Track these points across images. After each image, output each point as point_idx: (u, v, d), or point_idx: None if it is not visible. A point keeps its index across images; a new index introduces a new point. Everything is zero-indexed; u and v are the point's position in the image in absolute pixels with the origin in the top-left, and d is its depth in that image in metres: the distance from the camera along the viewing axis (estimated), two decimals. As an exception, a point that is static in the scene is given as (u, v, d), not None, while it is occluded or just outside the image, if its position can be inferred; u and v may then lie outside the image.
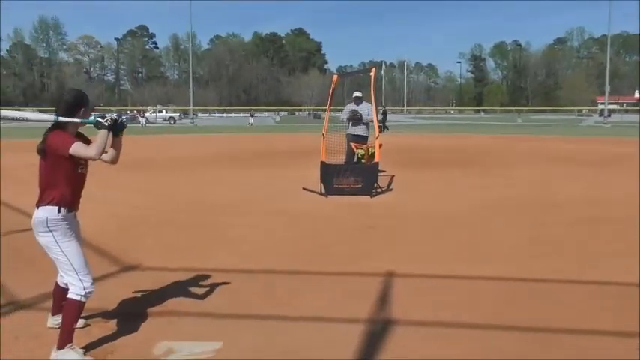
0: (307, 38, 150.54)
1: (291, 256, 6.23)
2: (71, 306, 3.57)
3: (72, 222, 3.70)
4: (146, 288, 4.97)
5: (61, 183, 3.56)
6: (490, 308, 4.51)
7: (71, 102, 3.62)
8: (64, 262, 3.59)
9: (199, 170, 14.83)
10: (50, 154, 3.52)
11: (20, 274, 5.43)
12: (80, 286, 3.57)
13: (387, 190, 10.97)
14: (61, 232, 3.58)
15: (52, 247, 3.58)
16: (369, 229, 7.62)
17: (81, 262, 3.62)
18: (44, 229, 3.55)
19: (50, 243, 3.57)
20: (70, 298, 3.58)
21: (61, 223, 3.57)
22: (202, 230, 7.61)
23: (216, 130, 45.30)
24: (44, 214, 3.55)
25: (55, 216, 3.55)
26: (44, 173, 3.58)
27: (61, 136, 3.52)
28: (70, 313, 3.58)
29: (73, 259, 3.59)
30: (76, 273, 3.58)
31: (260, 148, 22.86)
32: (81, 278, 3.58)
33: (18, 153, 19.27)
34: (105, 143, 3.54)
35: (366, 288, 5.02)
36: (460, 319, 4.25)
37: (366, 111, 11.33)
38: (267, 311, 4.45)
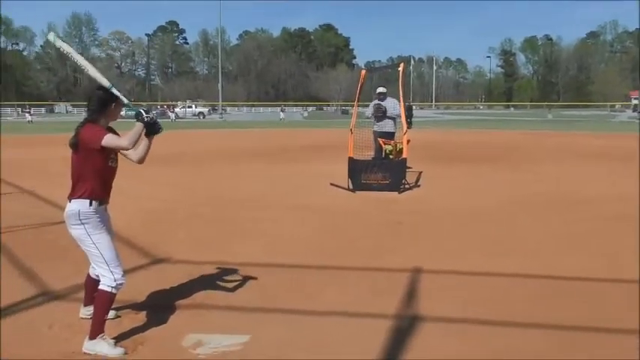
0: (335, 33, 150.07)
1: (318, 250, 6.26)
2: (102, 297, 3.65)
3: (103, 215, 3.77)
4: (175, 281, 5.04)
5: (92, 176, 3.63)
6: (517, 306, 4.47)
7: (103, 97, 3.69)
8: (95, 254, 3.67)
9: (228, 164, 14.95)
10: (82, 148, 3.58)
11: (53, 265, 5.55)
12: (111, 278, 3.64)
13: (414, 185, 10.92)
14: (93, 224, 3.65)
15: (84, 239, 3.65)
16: (397, 224, 7.61)
17: (112, 254, 3.69)
18: (76, 222, 3.63)
19: (82, 235, 3.65)
20: (101, 290, 3.65)
21: (92, 215, 3.64)
22: (231, 224, 7.69)
23: (245, 125, 45.55)
24: (76, 207, 3.62)
25: (86, 209, 3.62)
26: (76, 166, 3.66)
27: (94, 129, 3.59)
28: (101, 305, 3.65)
29: (104, 251, 3.66)
30: (107, 265, 3.65)
31: (288, 143, 22.93)
32: (112, 270, 3.65)
33: (50, 146, 19.66)
34: (138, 136, 3.59)
35: (393, 284, 5.03)
36: (487, 317, 4.23)
37: (391, 105, 11.28)
38: (293, 305, 4.48)
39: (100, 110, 3.67)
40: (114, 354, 3.56)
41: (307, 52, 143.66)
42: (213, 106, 79.30)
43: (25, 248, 6.21)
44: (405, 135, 10.37)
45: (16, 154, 18.04)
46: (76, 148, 3.61)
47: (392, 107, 11.26)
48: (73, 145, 3.62)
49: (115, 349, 3.59)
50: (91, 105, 3.69)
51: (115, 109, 3.73)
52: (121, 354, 3.58)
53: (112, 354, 3.56)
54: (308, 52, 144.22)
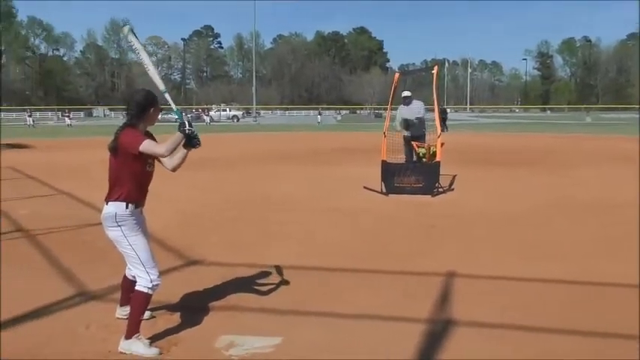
0: (369, 37, 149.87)
1: (351, 253, 6.24)
2: (138, 298, 3.70)
3: (139, 217, 3.82)
4: (209, 282, 5.09)
5: (129, 179, 3.68)
6: (553, 311, 4.39)
7: (142, 102, 3.74)
8: (131, 256, 3.73)
9: (262, 167, 15.05)
10: (121, 152, 3.64)
11: (91, 266, 5.66)
12: (147, 279, 3.69)
13: (448, 189, 10.82)
14: (129, 226, 3.70)
15: (121, 241, 3.71)
16: (430, 227, 7.55)
17: (147, 255, 3.74)
18: (113, 224, 3.69)
19: (118, 237, 3.71)
20: (137, 291, 3.71)
21: (128, 218, 3.70)
22: (264, 226, 7.73)
23: (279, 128, 45.79)
24: (113, 210, 3.68)
25: (123, 211, 3.68)
26: (114, 170, 3.72)
27: (133, 134, 3.64)
28: (137, 305, 3.71)
29: (140, 252, 3.71)
30: (143, 266, 3.71)
31: (322, 146, 22.95)
32: (148, 271, 3.70)
33: (89, 149, 20.08)
34: (176, 145, 3.61)
35: (426, 287, 4.99)
36: (523, 322, 4.16)
37: (416, 109, 11.13)
38: (326, 308, 4.48)
39: (138, 115, 3.72)
40: (149, 354, 3.61)
41: (341, 56, 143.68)
42: (247, 110, 79.95)
43: (63, 249, 6.35)
44: (439, 138, 10.29)
45: (55, 157, 18.49)
46: (115, 152, 3.67)
47: (417, 111, 11.11)
48: (113, 149, 3.68)
49: (150, 349, 3.64)
50: (130, 109, 3.74)
51: (153, 113, 3.78)
52: (156, 354, 3.63)
53: (147, 354, 3.61)
54: (341, 55, 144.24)
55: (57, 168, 14.91)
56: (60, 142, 27.08)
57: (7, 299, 4.71)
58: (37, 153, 20.73)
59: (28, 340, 3.86)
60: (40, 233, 7.15)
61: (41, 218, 8.07)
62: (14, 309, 4.43)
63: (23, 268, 5.63)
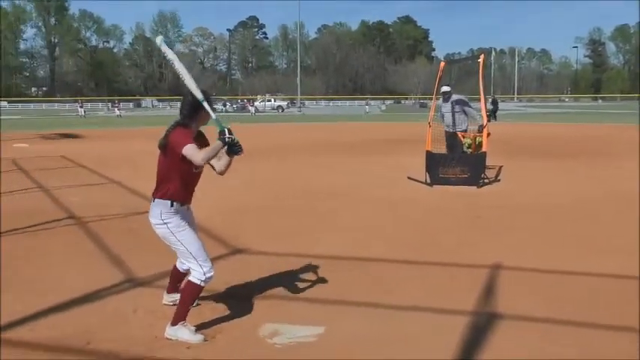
0: (414, 26, 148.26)
1: (395, 244, 6.21)
2: (190, 289, 3.76)
3: (185, 213, 3.87)
4: (254, 271, 5.14)
5: (176, 178, 3.72)
6: (602, 306, 4.27)
7: (194, 103, 3.74)
8: (182, 251, 3.78)
9: (307, 157, 15.11)
10: (169, 151, 3.67)
11: (138, 253, 5.79)
12: (200, 272, 3.73)
13: (494, 180, 10.65)
14: (175, 222, 3.75)
15: (169, 237, 3.77)
16: (476, 219, 7.45)
17: (198, 248, 3.77)
18: (159, 222, 3.76)
19: (166, 234, 3.77)
20: (190, 282, 3.76)
21: (173, 215, 3.75)
22: (308, 216, 7.76)
23: (324, 118, 45.81)
24: (158, 208, 3.75)
25: (168, 209, 3.73)
26: (162, 167, 3.76)
27: (181, 135, 3.64)
28: (188, 295, 3.78)
29: (190, 246, 3.76)
30: (195, 259, 3.75)
31: (366, 136, 22.88)
32: (200, 264, 3.74)
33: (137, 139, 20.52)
34: (215, 154, 3.61)
35: (472, 279, 4.93)
36: (569, 317, 4.06)
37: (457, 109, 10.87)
38: (369, 299, 4.47)
39: (190, 115, 3.75)
40: (194, 340, 3.68)
41: (386, 45, 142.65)
42: (292, 100, 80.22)
43: (112, 236, 6.51)
44: (485, 128, 10.12)
45: (105, 147, 18.97)
46: (164, 149, 3.72)
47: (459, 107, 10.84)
48: (162, 146, 3.72)
49: (195, 335, 3.71)
50: (183, 109, 3.76)
51: (205, 114, 3.78)
52: (201, 340, 3.69)
53: (192, 340, 3.68)
54: (386, 45, 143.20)
55: (106, 157, 15.29)
56: (109, 132, 27.74)
57: (61, 283, 4.87)
58: (88, 142, 21.30)
59: (81, 323, 3.99)
60: (90, 220, 7.35)
61: (91, 206, 8.30)
62: (68, 293, 4.57)
63: (75, 254, 5.81)
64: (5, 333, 3.86)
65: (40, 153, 16.61)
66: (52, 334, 3.82)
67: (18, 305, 4.31)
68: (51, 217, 7.53)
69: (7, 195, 9.37)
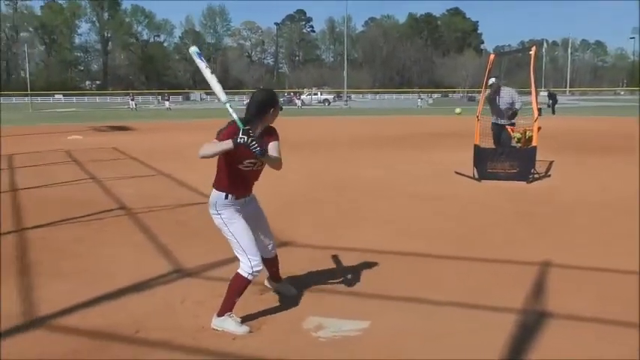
0: (463, 17, 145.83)
1: (441, 239, 6.14)
2: (238, 281, 3.81)
3: (243, 206, 3.92)
4: (298, 264, 5.16)
5: (227, 172, 3.79)
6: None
7: (261, 101, 3.79)
8: (233, 242, 3.84)
9: (353, 151, 15.08)
10: None
11: (186, 245, 5.88)
12: (248, 265, 3.77)
13: (544, 175, 10.40)
14: (228, 214, 3.82)
15: (222, 227, 3.85)
16: (525, 215, 7.29)
17: (248, 242, 3.81)
18: (214, 211, 3.85)
19: (220, 224, 3.85)
20: (238, 274, 3.81)
21: (228, 206, 3.82)
22: (355, 210, 7.75)
23: (370, 112, 45.63)
24: (214, 199, 3.83)
25: (222, 201, 3.81)
26: (217, 163, 3.85)
27: (226, 130, 3.69)
28: (235, 288, 3.82)
29: (241, 239, 3.80)
30: (244, 252, 3.79)
31: (413, 130, 22.67)
32: (249, 257, 3.78)
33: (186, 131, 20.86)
34: (217, 152, 3.60)
35: (519, 276, 4.83)
36: (621, 317, 3.93)
37: (507, 97, 10.57)
38: (415, 294, 4.44)
39: (256, 114, 3.77)
40: (239, 331, 3.72)
41: (433, 38, 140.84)
42: (338, 93, 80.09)
43: (161, 228, 6.64)
44: (536, 122, 9.88)
45: (155, 139, 19.35)
46: None
47: (507, 100, 10.56)
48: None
49: (241, 327, 3.75)
50: (249, 108, 3.79)
51: (272, 114, 3.82)
52: (246, 332, 3.73)
53: (237, 331, 3.72)
54: (434, 37, 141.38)
55: (156, 149, 15.61)
56: (159, 125, 28.28)
57: (111, 272, 5.00)
58: (139, 135, 21.77)
59: (132, 312, 4.09)
60: (140, 212, 7.52)
61: (141, 197, 8.49)
62: (118, 282, 4.70)
63: (125, 244, 5.96)
64: (58, 320, 3.99)
65: (93, 145, 17.09)
66: (102, 322, 3.93)
67: (70, 293, 4.45)
68: (102, 207, 7.74)
69: (63, 185, 9.68)
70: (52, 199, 8.47)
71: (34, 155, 14.12)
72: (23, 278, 4.88)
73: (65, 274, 5.00)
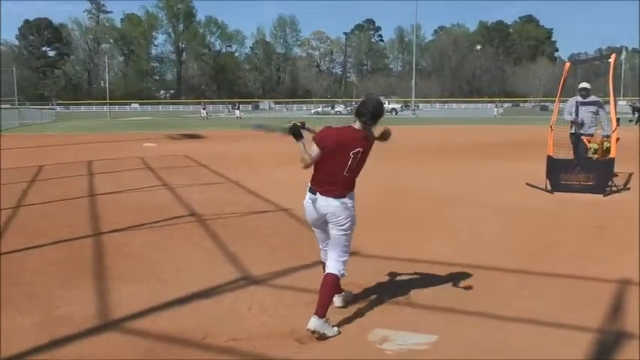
0: (537, 25, 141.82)
1: (511, 252, 5.97)
2: (332, 281, 3.98)
3: None
4: (365, 275, 5.12)
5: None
6: None
7: (374, 111, 4.11)
8: (347, 242, 4.12)
9: (421, 160, 14.91)
10: None
11: (253, 252, 5.95)
12: (342, 268, 4.05)
13: (622, 189, 9.94)
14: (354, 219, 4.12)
15: (350, 225, 4.12)
16: (601, 229, 6.99)
17: (350, 246, 4.14)
18: (353, 210, 4.14)
19: (351, 222, 4.11)
20: (331, 274, 3.98)
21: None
22: (420, 220, 7.65)
23: (438, 121, 45.02)
24: (352, 198, 4.16)
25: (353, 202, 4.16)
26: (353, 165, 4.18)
27: (324, 132, 4.08)
28: (331, 287, 3.98)
29: (350, 241, 4.13)
30: (346, 254, 4.10)
31: (483, 140, 22.20)
32: (344, 260, 4.09)
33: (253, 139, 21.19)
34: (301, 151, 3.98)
35: (594, 294, 4.62)
36: None
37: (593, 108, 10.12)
38: (484, 308, 4.32)
39: (372, 119, 4.09)
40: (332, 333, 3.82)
41: (505, 46, 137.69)
42: (406, 102, 79.51)
43: (229, 235, 6.75)
44: (615, 133, 9.47)
45: (225, 147, 19.76)
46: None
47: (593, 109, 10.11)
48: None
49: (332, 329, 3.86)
50: (363, 115, 4.09)
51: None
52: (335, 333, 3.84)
53: (330, 333, 3.81)
54: (506, 45, 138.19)
55: (226, 157, 15.90)
56: (229, 133, 28.85)
57: (181, 278, 5.12)
58: (209, 143, 22.30)
59: (199, 318, 4.17)
60: (209, 218, 7.68)
61: (211, 204, 8.67)
62: (187, 287, 4.80)
63: (195, 250, 6.09)
64: (130, 323, 4.11)
65: (166, 152, 17.63)
66: (171, 326, 4.03)
67: (142, 297, 4.59)
68: (174, 214, 7.95)
69: (137, 191, 10.02)
70: (126, 204, 8.78)
71: (111, 162, 14.71)
72: (99, 281, 5.07)
73: (138, 278, 5.16)
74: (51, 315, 4.25)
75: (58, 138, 25.78)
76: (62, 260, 5.71)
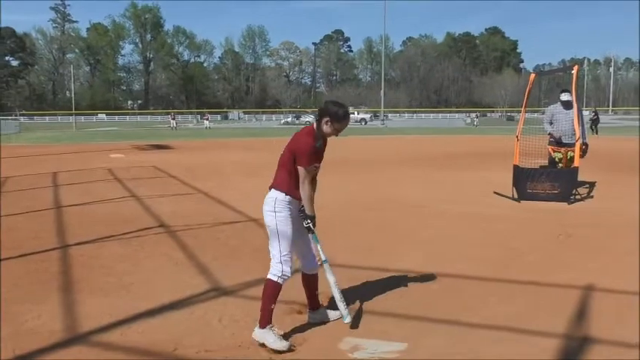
0: (502, 37, 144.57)
1: (479, 260, 6.05)
2: (270, 287, 3.86)
3: (295, 212, 3.98)
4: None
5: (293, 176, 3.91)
6: None
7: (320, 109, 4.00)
8: (274, 242, 3.92)
9: (390, 170, 15.02)
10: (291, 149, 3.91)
11: (224, 263, 5.93)
12: (279, 268, 3.85)
13: (586, 197, 10.17)
14: (283, 215, 3.89)
15: (271, 224, 3.91)
16: (566, 237, 7.13)
17: (287, 246, 3.90)
18: (270, 209, 3.91)
19: (271, 222, 3.91)
20: (269, 280, 3.88)
21: (285, 208, 3.90)
22: (390, 230, 7.70)
23: (407, 131, 45.45)
24: (273, 196, 3.93)
25: (282, 198, 3.90)
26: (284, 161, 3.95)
27: (307, 143, 3.89)
28: (269, 294, 3.86)
29: (283, 241, 3.89)
30: (279, 253, 3.88)
31: (450, 150, 22.50)
32: (282, 260, 3.87)
33: (224, 150, 21.11)
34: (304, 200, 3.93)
35: (560, 300, 4.72)
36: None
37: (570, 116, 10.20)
38: (453, 316, 4.37)
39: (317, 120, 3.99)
40: (279, 346, 3.73)
41: (472, 57, 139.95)
42: (375, 113, 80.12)
43: (199, 246, 6.71)
44: (578, 142, 9.69)
45: (194, 158, 19.63)
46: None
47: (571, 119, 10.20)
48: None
49: (281, 342, 3.75)
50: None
51: (324, 125, 3.95)
52: (286, 347, 3.73)
53: (277, 346, 3.73)
54: (472, 56, 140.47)
55: (195, 168, 15.81)
56: (199, 144, 28.70)
57: (151, 290, 5.07)
58: (178, 153, 22.12)
59: (171, 329, 4.14)
60: (179, 229, 7.62)
61: (180, 215, 8.60)
62: (157, 299, 4.76)
63: (164, 262, 6.03)
64: (99, 336, 4.06)
65: (134, 163, 17.44)
66: (141, 338, 3.99)
67: (111, 310, 4.53)
68: (143, 225, 7.86)
69: (104, 203, 9.89)
70: (94, 216, 8.66)
71: (77, 173, 14.49)
72: (67, 294, 4.99)
73: (106, 290, 5.09)
74: (18, 329, 4.17)
75: (23, 149, 25.32)
76: (29, 273, 5.61)
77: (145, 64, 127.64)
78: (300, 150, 3.85)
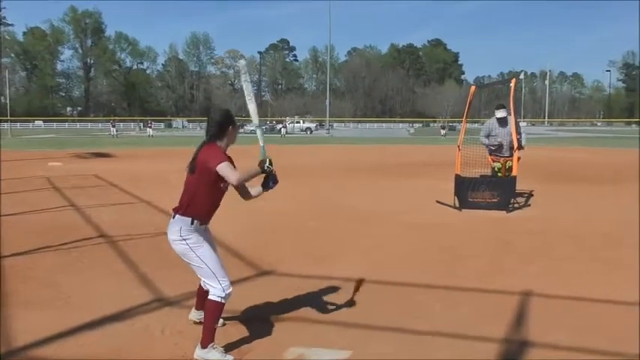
0: (444, 49, 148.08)
1: (422, 268, 6.16)
2: (212, 307, 3.76)
3: (203, 233, 3.91)
4: (280, 293, 5.13)
5: (204, 196, 3.77)
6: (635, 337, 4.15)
7: (222, 121, 3.84)
8: (201, 267, 3.80)
9: (336, 179, 15.09)
10: (199, 168, 3.72)
11: (166, 273, 5.82)
12: (219, 288, 3.75)
13: (524, 205, 10.51)
14: (194, 239, 3.79)
15: (187, 253, 3.80)
16: (505, 244, 7.34)
17: (216, 265, 3.80)
18: (177, 237, 3.79)
19: (185, 250, 3.80)
20: (210, 300, 3.77)
21: (192, 232, 3.79)
22: (336, 238, 7.74)
23: (352, 140, 45.86)
24: (177, 224, 3.78)
25: (188, 226, 3.77)
26: (190, 185, 3.80)
27: (214, 150, 3.73)
28: (211, 314, 3.77)
29: (209, 263, 3.78)
30: (214, 276, 3.77)
31: (395, 159, 22.81)
32: (219, 280, 3.76)
33: (168, 158, 20.78)
34: (250, 178, 3.75)
35: (501, 306, 4.85)
36: (600, 347, 3.96)
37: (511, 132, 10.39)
38: (397, 323, 4.43)
39: (218, 134, 3.82)
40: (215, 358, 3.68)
41: (415, 68, 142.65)
42: (321, 122, 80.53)
43: (141, 256, 6.58)
44: (516, 152, 10.01)
45: (136, 166, 19.23)
46: (193, 172, 3.76)
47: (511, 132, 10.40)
48: (191, 169, 3.77)
49: (225, 356, 3.71)
50: (210, 128, 3.83)
51: (232, 131, 3.87)
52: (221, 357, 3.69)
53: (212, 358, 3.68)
54: (416, 68, 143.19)
55: (137, 176, 15.49)
56: (141, 152, 28.13)
57: (91, 301, 4.93)
58: (120, 162, 21.61)
59: (110, 342, 4.03)
60: (120, 239, 7.44)
61: (122, 225, 8.40)
62: (97, 311, 4.63)
63: (105, 273, 5.88)
64: (34, 351, 3.91)
65: (73, 172, 16.92)
66: (80, 351, 3.87)
67: (47, 323, 4.38)
68: (82, 235, 7.64)
69: (42, 212, 9.56)
70: (30, 226, 8.36)
71: (12, 182, 13.95)
72: (0, 308, 4.79)
73: (43, 303, 4.92)
74: (-54, 345, 3.97)
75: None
76: (-41, 286, 5.36)
77: (86, 70, 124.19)
78: (210, 155, 3.71)
